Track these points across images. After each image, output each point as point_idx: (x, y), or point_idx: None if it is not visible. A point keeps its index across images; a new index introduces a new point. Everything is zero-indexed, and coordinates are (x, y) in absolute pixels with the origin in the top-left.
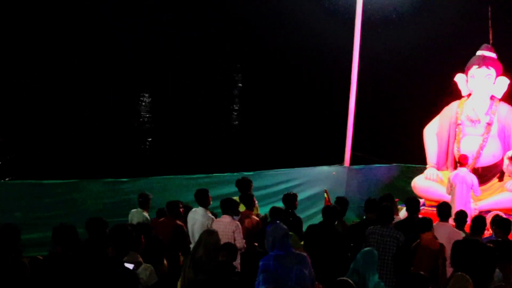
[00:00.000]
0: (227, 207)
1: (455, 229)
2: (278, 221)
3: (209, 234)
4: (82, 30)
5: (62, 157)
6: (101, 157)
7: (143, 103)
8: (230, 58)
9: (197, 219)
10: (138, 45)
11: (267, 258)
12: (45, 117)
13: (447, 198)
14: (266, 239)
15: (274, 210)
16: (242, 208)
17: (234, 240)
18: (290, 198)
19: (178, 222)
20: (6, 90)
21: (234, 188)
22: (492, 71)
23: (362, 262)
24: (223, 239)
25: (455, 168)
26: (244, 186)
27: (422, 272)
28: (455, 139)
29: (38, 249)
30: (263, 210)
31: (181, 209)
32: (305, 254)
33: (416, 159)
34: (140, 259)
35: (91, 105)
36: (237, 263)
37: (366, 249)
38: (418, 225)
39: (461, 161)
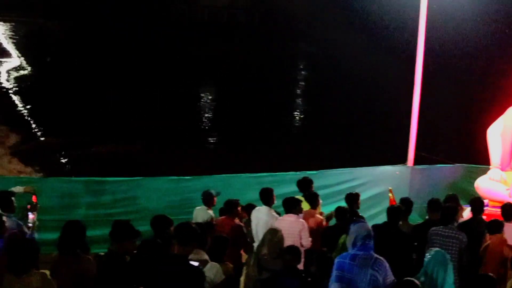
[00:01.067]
0: (291, 206)
1: None
2: (363, 220)
3: (273, 233)
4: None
5: (126, 154)
6: (164, 154)
7: (207, 102)
8: (293, 57)
9: (261, 218)
10: (203, 46)
11: (344, 256)
12: (109, 115)
13: (510, 199)
14: (349, 236)
15: (339, 209)
16: (306, 206)
17: (301, 238)
18: (352, 198)
19: (237, 221)
20: (74, 89)
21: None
22: None
23: (432, 264)
24: (288, 238)
25: None
26: (305, 186)
27: (490, 274)
28: None
29: (100, 245)
30: (325, 209)
31: (239, 208)
32: (383, 259)
33: (480, 160)
34: (206, 257)
35: (153, 103)
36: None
37: (435, 250)
38: (488, 226)
39: None
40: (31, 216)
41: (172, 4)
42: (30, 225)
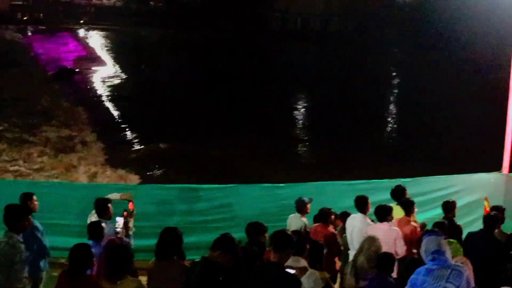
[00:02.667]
0: (385, 214)
1: None
2: (436, 230)
3: (371, 242)
4: None
5: (220, 161)
6: (257, 162)
7: (300, 109)
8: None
9: (355, 226)
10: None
11: (419, 271)
12: (204, 122)
13: None
14: (421, 249)
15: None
16: (401, 214)
17: (395, 246)
18: (449, 206)
19: (331, 228)
20: (168, 96)
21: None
22: None
23: None
24: (383, 246)
25: None
26: (399, 195)
27: None
28: None
29: (195, 252)
30: (420, 217)
31: (332, 216)
32: (462, 267)
33: None
34: (305, 264)
35: (248, 110)
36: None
37: None
38: None
39: None
40: (119, 221)
41: (265, 11)
42: (118, 230)
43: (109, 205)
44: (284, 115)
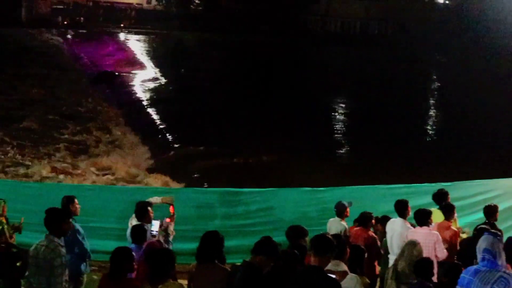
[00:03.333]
0: (424, 218)
1: None
2: (495, 232)
3: (413, 246)
4: None
5: (260, 165)
6: (297, 165)
7: (340, 113)
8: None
9: (395, 230)
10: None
11: (467, 271)
12: (243, 126)
13: None
14: (477, 250)
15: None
16: (440, 218)
17: (435, 250)
18: (491, 210)
19: (371, 232)
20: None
21: (432, 199)
22: None
23: None
24: (423, 250)
25: None
26: (441, 198)
27: None
28: None
29: (235, 256)
30: (461, 221)
31: (373, 220)
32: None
33: None
34: (346, 268)
35: (287, 114)
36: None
37: None
38: None
39: None
40: (155, 223)
41: (305, 15)
42: (154, 233)
43: (149, 208)
44: (324, 118)
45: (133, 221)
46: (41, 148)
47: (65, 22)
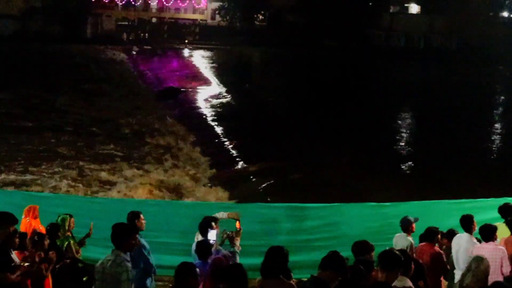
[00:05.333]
0: (490, 233)
1: None
2: None
3: (480, 262)
4: None
5: (323, 180)
6: (362, 180)
7: (404, 127)
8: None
9: (461, 245)
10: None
11: None
12: (309, 141)
13: None
14: None
15: None
16: (506, 233)
17: (501, 266)
18: None
19: (437, 248)
20: (271, 116)
21: (498, 213)
22: None
23: None
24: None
25: None
26: (506, 213)
27: None
28: None
29: (301, 271)
30: None
31: (438, 235)
32: None
33: None
34: (410, 284)
35: (351, 129)
36: None
37: None
38: None
39: None
40: (211, 232)
41: (369, 29)
42: (211, 242)
43: (213, 223)
44: (388, 132)
45: (200, 237)
46: (102, 162)
47: (130, 38)
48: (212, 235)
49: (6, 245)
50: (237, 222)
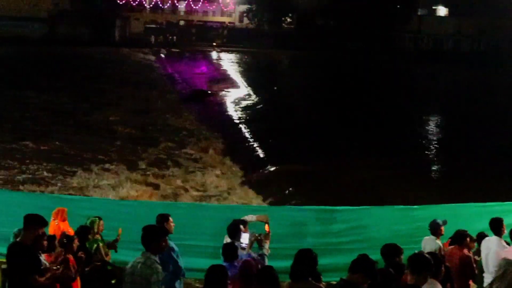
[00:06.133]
0: None
1: None
2: None
3: (509, 265)
4: None
5: (351, 183)
6: (391, 183)
7: (433, 130)
8: None
9: (491, 248)
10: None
11: None
12: (337, 144)
13: None
14: None
15: None
16: None
17: None
18: None
19: (466, 251)
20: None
21: None
22: None
23: None
24: None
25: None
26: None
27: None
28: None
29: (330, 274)
30: None
31: (468, 238)
32: None
33: None
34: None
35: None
36: None
37: None
38: None
39: None
40: (244, 236)
41: (398, 32)
42: (243, 245)
43: (241, 226)
44: (417, 135)
45: (228, 239)
46: (133, 165)
47: (158, 41)
48: (244, 239)
49: (35, 248)
50: (266, 225)
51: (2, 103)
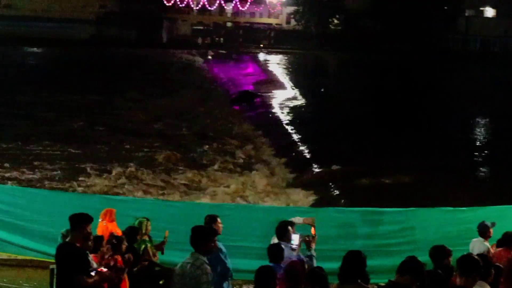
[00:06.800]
0: None
1: None
2: None
3: None
4: None
5: (399, 184)
6: (438, 185)
7: (480, 132)
8: None
9: None
10: None
11: None
12: (384, 146)
13: None
14: None
15: None
16: None
17: None
18: None
19: None
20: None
21: None
22: None
23: None
24: None
25: None
26: None
27: None
28: None
29: (378, 276)
30: None
31: None
32: None
33: None
34: None
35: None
36: None
37: None
38: None
39: None
40: (294, 238)
41: (445, 33)
42: (294, 247)
43: (289, 227)
44: (464, 137)
45: (276, 240)
46: (187, 167)
47: (205, 43)
48: (295, 240)
49: (85, 248)
50: (312, 228)
51: (52, 105)
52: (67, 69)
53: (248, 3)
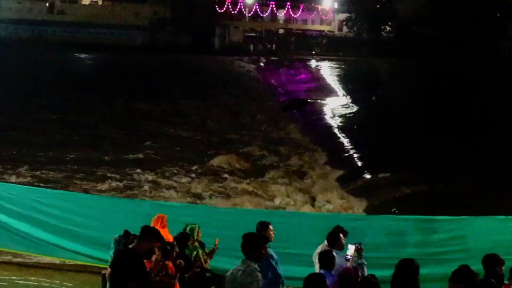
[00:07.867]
0: None
1: None
2: None
3: None
4: None
5: (451, 192)
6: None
7: None
8: None
9: None
10: None
11: None
12: (435, 153)
13: None
14: None
15: None
16: None
17: None
18: None
19: None
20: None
21: None
22: None
23: None
24: None
25: None
26: None
27: None
28: None
29: (429, 284)
30: None
31: None
32: None
33: None
34: None
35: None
36: None
37: None
38: None
39: None
40: (350, 248)
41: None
42: (349, 257)
43: (341, 234)
44: None
45: (323, 248)
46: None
47: (257, 49)
48: (350, 249)
49: (145, 257)
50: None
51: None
52: (125, 74)
53: (301, 10)
